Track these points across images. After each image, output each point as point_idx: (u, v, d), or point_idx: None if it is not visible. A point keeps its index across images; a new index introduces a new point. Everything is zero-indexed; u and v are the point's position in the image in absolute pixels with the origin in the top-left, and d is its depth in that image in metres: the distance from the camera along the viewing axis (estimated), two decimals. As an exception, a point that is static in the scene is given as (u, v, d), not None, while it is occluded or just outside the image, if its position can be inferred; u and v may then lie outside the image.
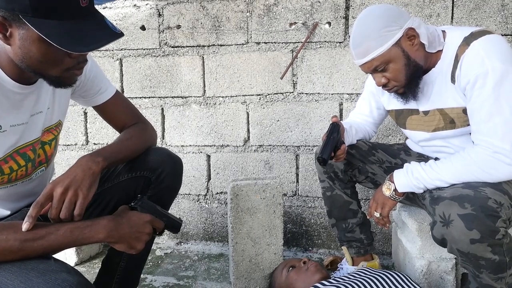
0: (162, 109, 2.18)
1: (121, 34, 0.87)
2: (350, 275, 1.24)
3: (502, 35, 1.82)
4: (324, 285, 1.15)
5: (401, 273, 1.27)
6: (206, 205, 2.21)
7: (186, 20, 2.08)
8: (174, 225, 1.07)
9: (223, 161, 2.15)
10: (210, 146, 2.16)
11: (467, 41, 1.14)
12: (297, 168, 2.09)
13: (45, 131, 1.07)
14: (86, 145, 2.29)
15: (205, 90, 2.12)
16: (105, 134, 2.26)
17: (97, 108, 1.23)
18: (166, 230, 1.07)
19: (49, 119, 1.08)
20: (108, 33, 0.86)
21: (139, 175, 1.18)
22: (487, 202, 1.01)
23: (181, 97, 2.15)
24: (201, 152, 2.17)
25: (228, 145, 2.14)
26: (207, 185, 2.19)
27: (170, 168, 1.22)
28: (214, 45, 2.07)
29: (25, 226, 0.83)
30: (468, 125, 1.18)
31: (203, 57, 2.10)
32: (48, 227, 0.87)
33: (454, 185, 1.12)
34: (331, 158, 1.34)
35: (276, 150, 2.09)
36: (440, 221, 1.07)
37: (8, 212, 1.06)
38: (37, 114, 1.03)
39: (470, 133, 1.19)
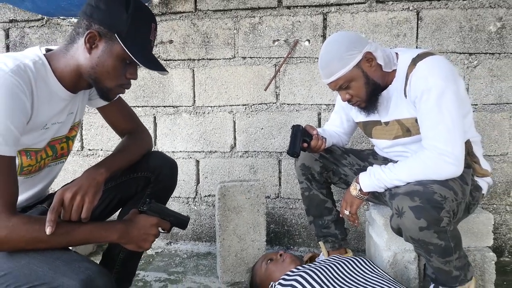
0: (155, 117, 2.34)
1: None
2: (320, 261, 1.42)
3: (460, 53, 2.06)
4: (297, 269, 1.32)
5: (365, 258, 1.45)
6: (195, 207, 2.36)
7: (178, 35, 2.26)
8: (181, 223, 1.22)
9: (211, 166, 2.32)
10: (199, 152, 2.32)
11: (414, 61, 1.34)
12: (280, 172, 2.27)
13: (71, 128, 1.25)
14: (81, 151, 2.43)
15: (195, 100, 2.29)
16: (99, 141, 2.40)
17: (101, 110, 1.39)
18: (175, 227, 1.23)
19: (75, 118, 1.26)
20: (162, 64, 1.15)
21: (140, 176, 1.34)
22: (433, 196, 1.20)
23: (172, 106, 2.32)
24: (190, 157, 2.34)
25: (216, 151, 2.31)
26: (196, 188, 2.35)
27: (168, 170, 1.38)
28: (203, 59, 2.25)
29: (48, 230, 0.95)
30: None
31: (193, 70, 2.27)
32: (72, 225, 1.02)
33: (409, 183, 1.31)
34: (304, 150, 1.56)
35: (260, 156, 2.27)
36: (395, 213, 1.26)
37: (26, 204, 1.21)
38: (70, 115, 1.21)
39: None
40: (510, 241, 2.10)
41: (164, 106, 2.33)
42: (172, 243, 2.35)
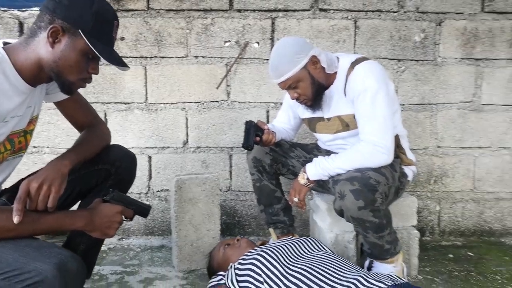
0: (105, 113, 2.34)
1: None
2: (275, 242, 1.57)
3: (391, 59, 2.33)
4: (255, 250, 1.45)
5: (313, 238, 1.62)
6: (147, 202, 2.39)
7: (130, 33, 2.28)
8: (142, 211, 1.29)
9: (164, 161, 2.38)
10: (152, 148, 2.37)
11: (352, 65, 1.55)
12: (231, 166, 2.39)
13: (29, 122, 1.25)
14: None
15: (147, 97, 2.33)
16: (46, 138, 2.34)
17: (59, 104, 1.39)
18: (137, 216, 1.28)
19: (33, 112, 1.26)
20: (124, 60, 1.19)
21: (101, 168, 1.38)
22: (369, 180, 1.41)
23: (124, 103, 2.34)
24: (143, 153, 2.37)
25: (168, 147, 2.37)
26: (148, 183, 2.39)
27: (127, 163, 1.44)
28: (156, 57, 2.30)
29: (16, 219, 0.97)
30: None
31: (145, 67, 2.31)
32: (39, 214, 1.04)
33: (349, 171, 1.50)
34: (257, 143, 1.70)
35: (212, 151, 2.37)
36: (338, 196, 1.45)
37: None
38: (28, 108, 1.21)
39: None
40: (431, 223, 2.43)
41: (116, 103, 2.34)
42: (124, 239, 2.37)
